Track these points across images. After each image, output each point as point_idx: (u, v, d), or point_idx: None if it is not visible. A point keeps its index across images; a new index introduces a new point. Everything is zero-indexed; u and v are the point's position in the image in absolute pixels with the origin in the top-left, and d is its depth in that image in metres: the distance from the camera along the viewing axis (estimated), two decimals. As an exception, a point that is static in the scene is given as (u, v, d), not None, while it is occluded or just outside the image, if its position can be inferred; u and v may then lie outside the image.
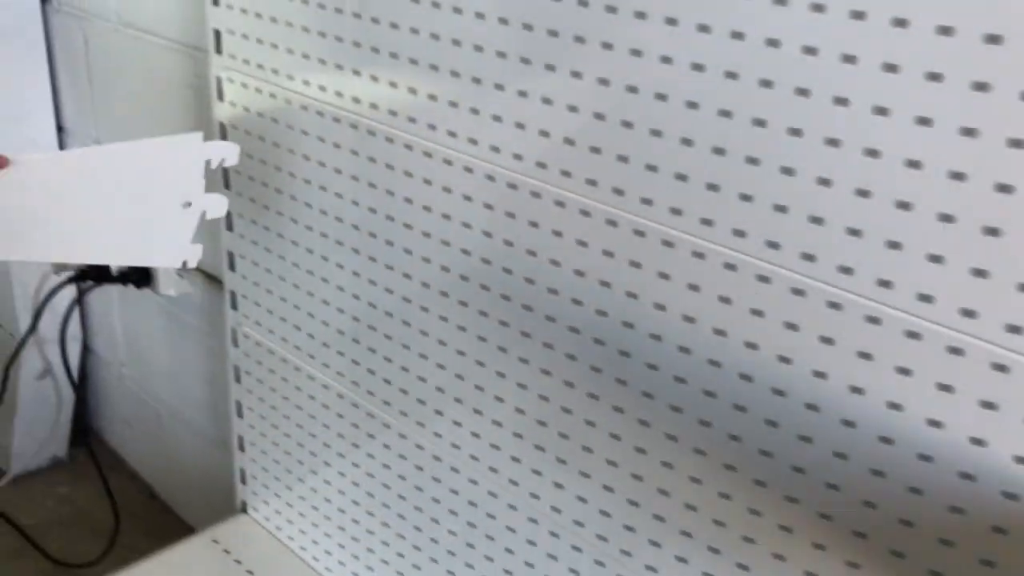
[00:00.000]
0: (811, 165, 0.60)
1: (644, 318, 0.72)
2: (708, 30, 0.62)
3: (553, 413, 0.81)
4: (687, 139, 0.65)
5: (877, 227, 0.59)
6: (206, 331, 1.38)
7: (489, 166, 0.78)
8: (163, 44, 1.25)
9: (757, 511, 0.70)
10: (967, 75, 0.53)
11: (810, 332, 0.63)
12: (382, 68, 0.85)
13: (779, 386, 0.66)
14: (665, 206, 0.68)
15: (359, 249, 0.94)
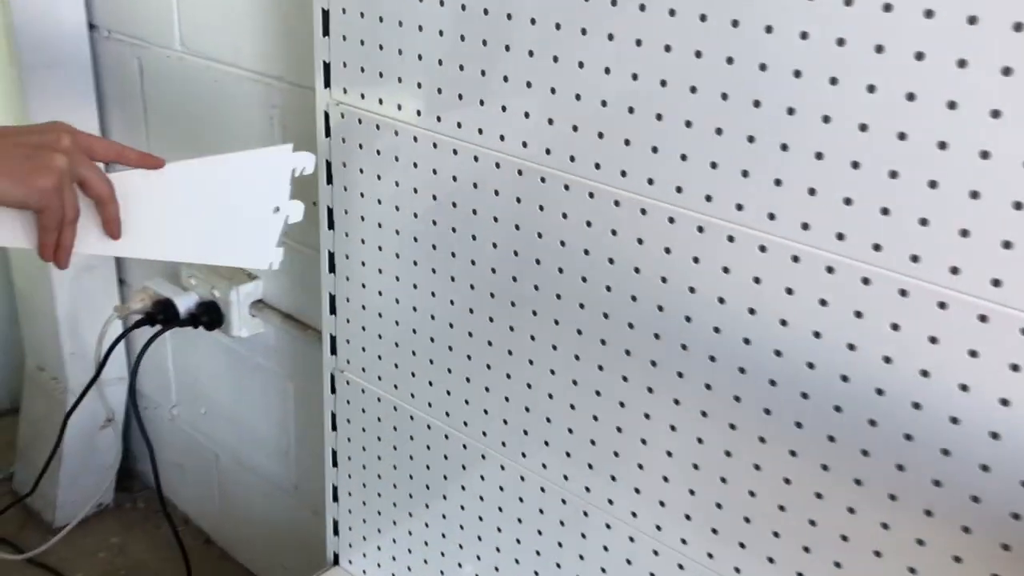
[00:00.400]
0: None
1: (797, 345, 0.67)
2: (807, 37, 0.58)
3: (683, 446, 0.77)
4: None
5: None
6: (279, 372, 1.32)
7: (617, 191, 0.74)
8: (236, 73, 1.18)
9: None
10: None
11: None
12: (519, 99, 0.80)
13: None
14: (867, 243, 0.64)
15: (475, 285, 0.89)
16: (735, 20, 0.66)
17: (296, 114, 1.13)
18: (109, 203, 0.77)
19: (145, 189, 0.82)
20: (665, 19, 0.70)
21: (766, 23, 0.65)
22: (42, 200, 0.72)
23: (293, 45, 1.10)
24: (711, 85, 0.69)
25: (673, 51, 0.70)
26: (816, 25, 0.63)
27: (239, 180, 0.87)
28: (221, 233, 0.87)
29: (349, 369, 1.07)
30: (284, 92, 1.13)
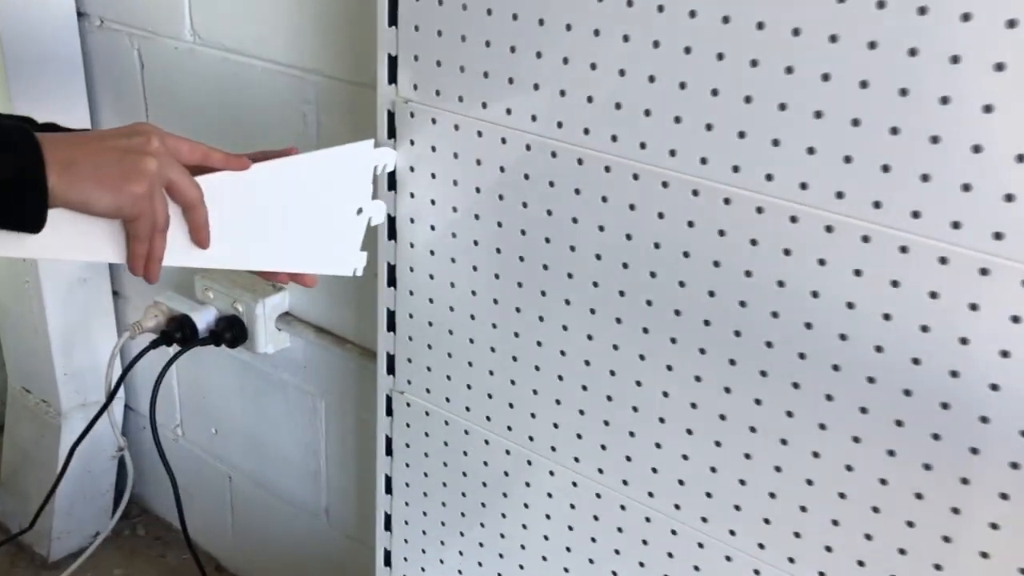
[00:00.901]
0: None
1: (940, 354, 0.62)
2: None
3: (764, 446, 0.70)
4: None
5: None
6: (309, 390, 1.22)
7: (713, 184, 0.67)
8: (260, 66, 1.07)
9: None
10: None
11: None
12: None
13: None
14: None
15: (547, 292, 0.82)
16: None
17: (335, 111, 1.03)
18: (199, 208, 0.70)
19: (229, 193, 0.73)
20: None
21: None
22: (135, 207, 0.65)
23: (332, 33, 1.00)
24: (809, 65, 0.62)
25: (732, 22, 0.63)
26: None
27: (321, 180, 0.80)
28: (304, 238, 0.81)
29: (410, 390, 0.98)
30: (320, 86, 1.03)
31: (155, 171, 0.65)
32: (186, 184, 0.68)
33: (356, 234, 0.84)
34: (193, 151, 0.70)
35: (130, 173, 0.64)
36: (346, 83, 1.01)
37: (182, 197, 0.69)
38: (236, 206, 0.74)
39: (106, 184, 0.63)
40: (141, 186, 0.64)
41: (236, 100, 1.11)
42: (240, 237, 0.76)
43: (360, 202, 0.83)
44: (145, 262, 0.68)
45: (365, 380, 1.14)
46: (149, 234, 0.67)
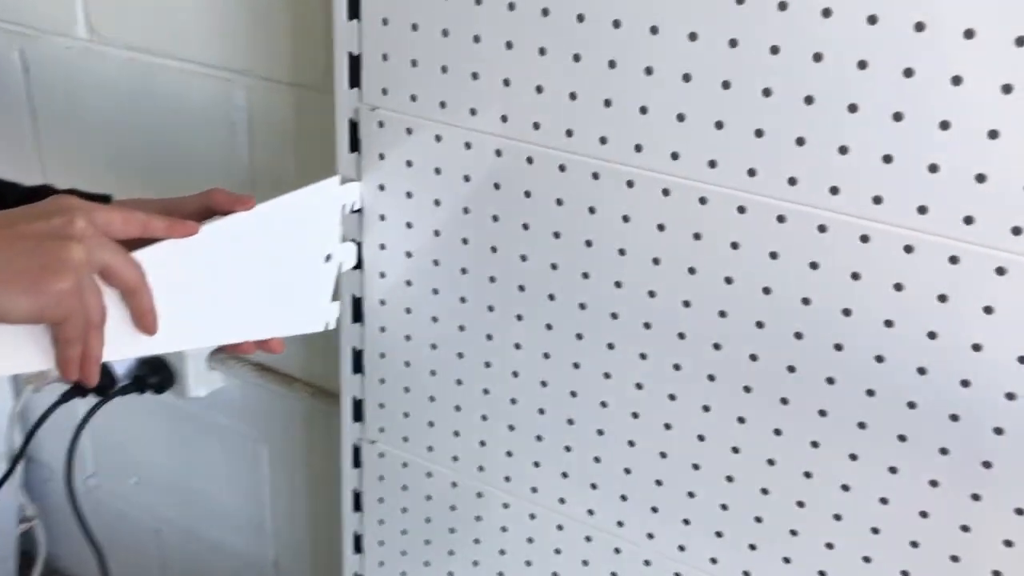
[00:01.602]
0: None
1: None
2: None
3: (781, 478, 0.62)
4: None
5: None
6: (249, 434, 1.07)
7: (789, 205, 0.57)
8: (176, 67, 0.92)
9: None
10: None
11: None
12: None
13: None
14: None
15: (553, 324, 0.71)
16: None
17: (273, 118, 0.88)
18: (141, 291, 0.57)
19: (176, 264, 0.60)
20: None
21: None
22: (61, 307, 0.52)
23: (267, 27, 0.85)
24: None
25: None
26: None
27: (282, 231, 0.68)
28: (268, 300, 0.69)
29: (383, 439, 0.85)
30: (253, 90, 0.88)
31: (82, 259, 0.53)
32: (123, 266, 0.56)
33: (326, 284, 0.75)
34: (128, 223, 0.57)
35: (51, 265, 0.52)
36: (286, 85, 0.86)
37: (120, 281, 0.56)
38: (186, 277, 0.62)
39: (22, 284, 0.51)
40: (66, 281, 0.52)
41: (147, 108, 0.95)
42: (194, 312, 0.64)
43: (328, 248, 0.73)
44: (80, 365, 0.56)
45: (317, 423, 1.01)
46: (82, 334, 0.55)
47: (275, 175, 0.91)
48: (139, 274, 0.57)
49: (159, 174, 0.97)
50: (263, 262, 0.67)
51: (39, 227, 0.53)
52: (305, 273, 0.72)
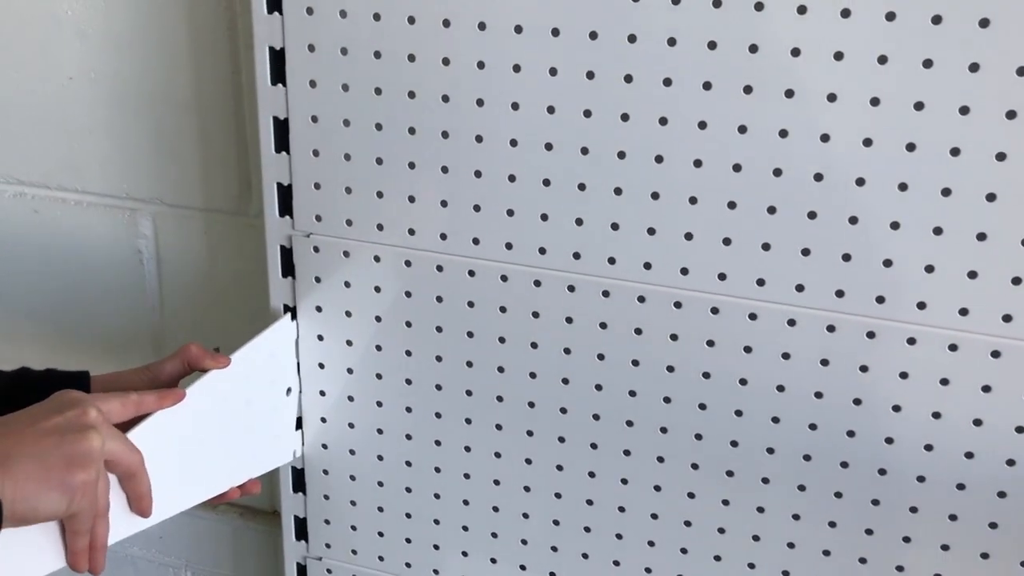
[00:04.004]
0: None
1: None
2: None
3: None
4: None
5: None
6: (168, 562, 1.03)
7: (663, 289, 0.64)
8: (74, 200, 0.89)
9: None
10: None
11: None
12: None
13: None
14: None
15: (503, 425, 0.74)
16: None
17: (183, 243, 0.87)
18: (140, 476, 0.59)
19: (163, 435, 0.62)
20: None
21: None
22: (81, 501, 0.53)
23: (171, 155, 0.85)
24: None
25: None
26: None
27: (249, 377, 0.71)
28: (244, 445, 0.72)
29: (329, 555, 0.84)
30: (160, 217, 0.87)
31: (99, 448, 0.55)
32: (127, 452, 0.58)
33: (289, 416, 0.79)
34: (126, 407, 0.60)
35: (76, 458, 0.54)
36: (196, 211, 0.86)
37: (122, 468, 0.58)
38: (173, 443, 0.63)
39: (53, 480, 0.52)
40: (89, 472, 0.54)
41: (42, 244, 0.92)
42: (180, 475, 0.64)
43: (288, 382, 0.77)
44: (88, 555, 0.57)
45: (247, 544, 0.98)
46: (90, 525, 0.56)
47: (186, 301, 0.90)
48: (140, 459, 0.58)
49: (57, 320, 0.94)
50: (236, 410, 0.70)
51: (57, 421, 0.54)
52: (272, 410, 0.75)
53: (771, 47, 0.59)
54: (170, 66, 0.82)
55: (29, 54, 0.85)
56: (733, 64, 0.60)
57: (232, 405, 0.70)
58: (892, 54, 0.57)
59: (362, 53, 0.67)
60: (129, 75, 0.83)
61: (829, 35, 0.58)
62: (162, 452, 0.61)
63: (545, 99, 0.65)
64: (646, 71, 0.62)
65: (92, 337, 0.94)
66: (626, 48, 0.61)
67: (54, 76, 0.85)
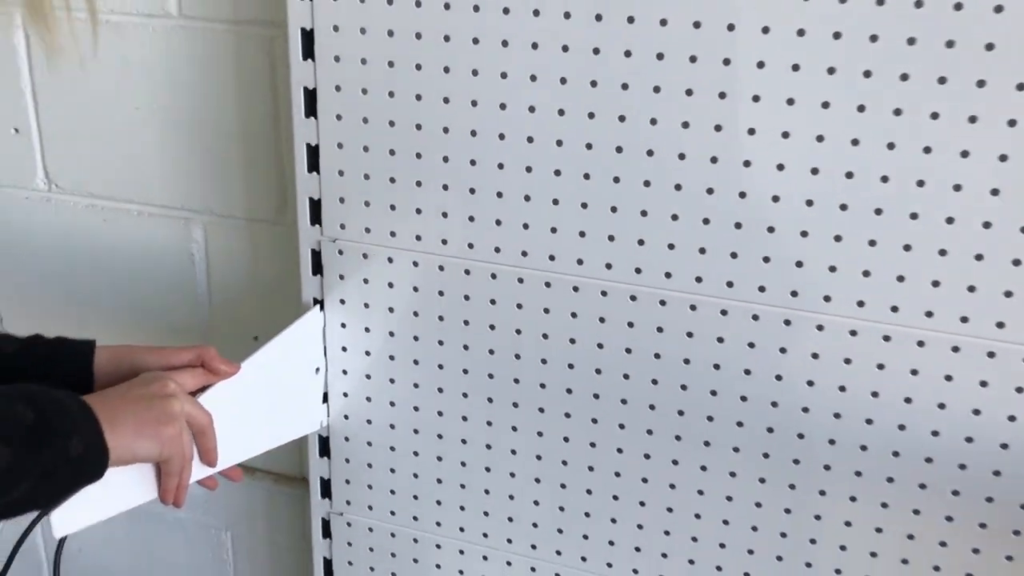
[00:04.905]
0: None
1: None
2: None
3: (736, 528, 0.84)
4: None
5: None
6: (212, 524, 1.19)
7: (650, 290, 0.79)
8: (136, 211, 1.06)
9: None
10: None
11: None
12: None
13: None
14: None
15: (493, 398, 0.90)
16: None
17: (230, 248, 1.04)
18: (209, 433, 0.77)
19: (220, 402, 0.79)
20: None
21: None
22: (171, 449, 0.72)
23: (221, 171, 1.01)
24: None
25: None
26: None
27: (286, 357, 0.88)
28: (279, 414, 0.90)
29: (349, 511, 1.00)
30: (210, 225, 1.04)
31: (180, 411, 0.73)
32: (199, 413, 0.76)
33: (317, 391, 0.95)
34: (195, 378, 0.79)
35: (161, 417, 0.72)
36: (241, 220, 1.02)
37: (196, 426, 0.76)
38: (227, 410, 0.80)
39: (147, 432, 0.70)
40: (174, 428, 0.72)
41: (108, 248, 1.08)
42: (233, 435, 0.81)
43: (316, 363, 0.94)
44: (175, 492, 0.76)
45: (278, 505, 1.14)
46: (180, 469, 0.75)
47: (233, 298, 1.06)
48: (210, 419, 0.76)
49: (123, 320, 1.11)
50: (275, 385, 0.87)
51: (145, 391, 0.73)
52: (301, 386, 0.92)
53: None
54: (221, 100, 0.98)
55: (104, 89, 1.02)
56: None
57: (272, 381, 0.87)
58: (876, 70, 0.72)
59: (379, 93, 0.83)
60: (186, 107, 1.00)
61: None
62: (220, 417, 0.78)
63: (550, 133, 0.81)
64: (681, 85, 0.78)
65: (150, 327, 1.11)
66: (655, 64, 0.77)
67: (124, 107, 1.02)
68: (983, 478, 0.77)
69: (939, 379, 0.76)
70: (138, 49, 0.99)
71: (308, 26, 0.83)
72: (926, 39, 0.68)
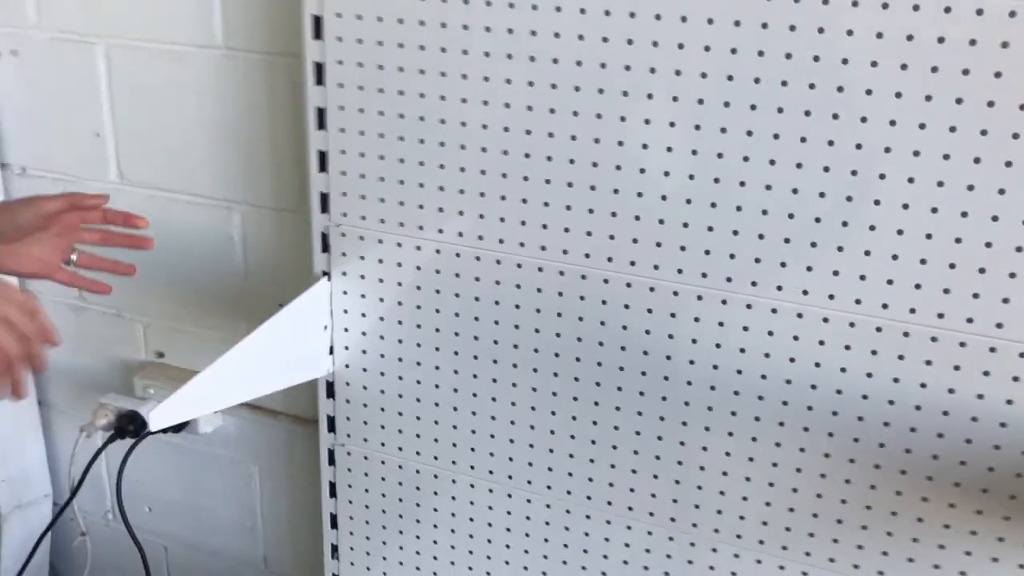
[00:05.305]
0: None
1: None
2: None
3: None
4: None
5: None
6: (242, 459, 1.46)
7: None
8: (187, 200, 1.33)
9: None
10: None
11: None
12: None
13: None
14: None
15: (477, 355, 1.14)
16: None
17: (262, 232, 1.30)
18: (38, 314, 0.85)
19: (249, 351, 1.06)
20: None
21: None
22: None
23: (256, 170, 1.27)
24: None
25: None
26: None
27: (300, 319, 1.14)
28: (295, 360, 1.16)
29: (349, 443, 1.26)
30: (246, 213, 1.30)
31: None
32: (14, 310, 0.83)
33: (325, 344, 1.21)
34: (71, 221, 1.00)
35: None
36: (270, 209, 1.28)
37: (19, 317, 0.83)
38: (258, 355, 1.07)
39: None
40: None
41: (165, 234, 1.35)
42: (261, 375, 1.08)
43: (324, 321, 1.20)
44: (13, 388, 0.85)
45: (296, 443, 1.40)
46: (5, 369, 0.83)
47: (263, 271, 1.32)
48: (31, 304, 0.84)
49: (178, 286, 1.38)
50: (292, 339, 1.13)
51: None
52: (313, 340, 1.17)
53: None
54: (255, 114, 1.24)
55: (161, 104, 1.29)
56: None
57: (290, 335, 1.13)
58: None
59: (372, 111, 1.08)
60: (228, 119, 1.26)
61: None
62: (252, 361, 1.02)
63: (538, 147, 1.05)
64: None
65: (198, 295, 1.37)
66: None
67: (180, 118, 1.29)
68: (828, 419, 1.00)
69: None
70: (192, 72, 1.26)
71: (319, 60, 1.09)
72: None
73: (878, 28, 0.87)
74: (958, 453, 0.96)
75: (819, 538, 1.04)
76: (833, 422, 1.00)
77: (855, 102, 0.89)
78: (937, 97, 0.87)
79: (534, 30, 0.99)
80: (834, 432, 1.00)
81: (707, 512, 1.08)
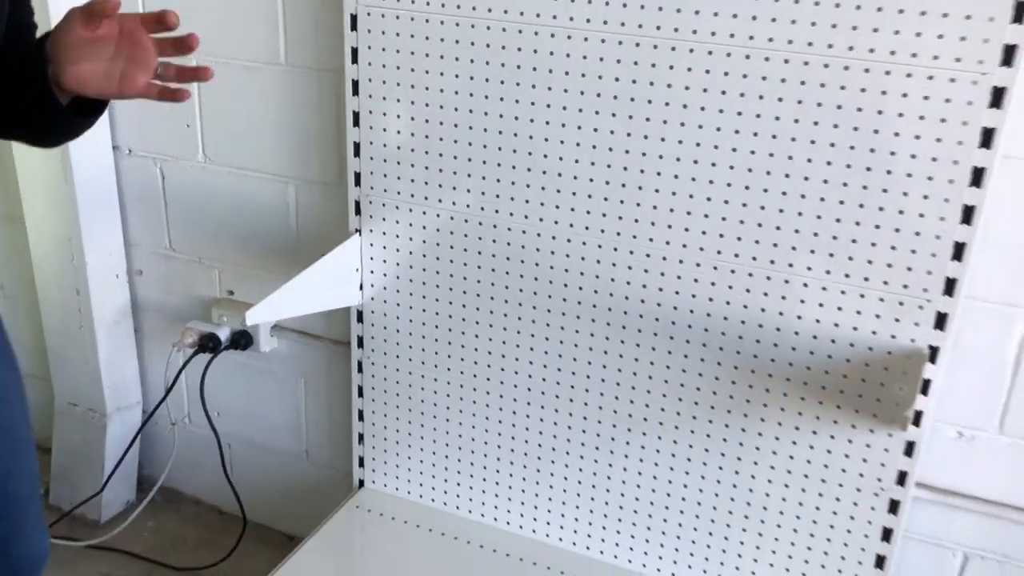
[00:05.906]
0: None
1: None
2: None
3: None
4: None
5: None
6: (292, 373, 1.91)
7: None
8: (255, 176, 1.78)
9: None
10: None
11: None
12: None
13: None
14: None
15: (480, 294, 1.59)
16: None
17: (310, 200, 1.75)
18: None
19: (304, 284, 1.48)
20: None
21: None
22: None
23: (305, 152, 1.72)
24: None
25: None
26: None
27: (338, 265, 1.58)
28: (333, 292, 1.60)
29: (374, 356, 1.70)
30: (298, 186, 1.75)
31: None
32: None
33: (356, 283, 1.65)
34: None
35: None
36: (317, 183, 1.73)
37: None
38: (307, 288, 1.49)
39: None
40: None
41: (237, 201, 1.80)
42: (309, 299, 1.53)
43: (356, 266, 1.63)
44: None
45: (333, 361, 1.85)
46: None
47: (312, 232, 1.77)
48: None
49: (246, 240, 1.83)
50: (331, 277, 1.56)
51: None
52: (348, 279, 1.60)
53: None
54: (308, 114, 1.69)
55: (238, 104, 1.74)
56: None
57: (330, 275, 1.57)
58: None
59: (393, 116, 1.52)
60: (287, 117, 1.71)
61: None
62: (303, 292, 1.47)
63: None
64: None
65: (261, 246, 1.83)
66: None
67: (251, 116, 1.74)
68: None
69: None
70: (260, 82, 1.70)
71: (355, 78, 1.53)
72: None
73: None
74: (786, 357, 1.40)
75: (699, 417, 1.49)
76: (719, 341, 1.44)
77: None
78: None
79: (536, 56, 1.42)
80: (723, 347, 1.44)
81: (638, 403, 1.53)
